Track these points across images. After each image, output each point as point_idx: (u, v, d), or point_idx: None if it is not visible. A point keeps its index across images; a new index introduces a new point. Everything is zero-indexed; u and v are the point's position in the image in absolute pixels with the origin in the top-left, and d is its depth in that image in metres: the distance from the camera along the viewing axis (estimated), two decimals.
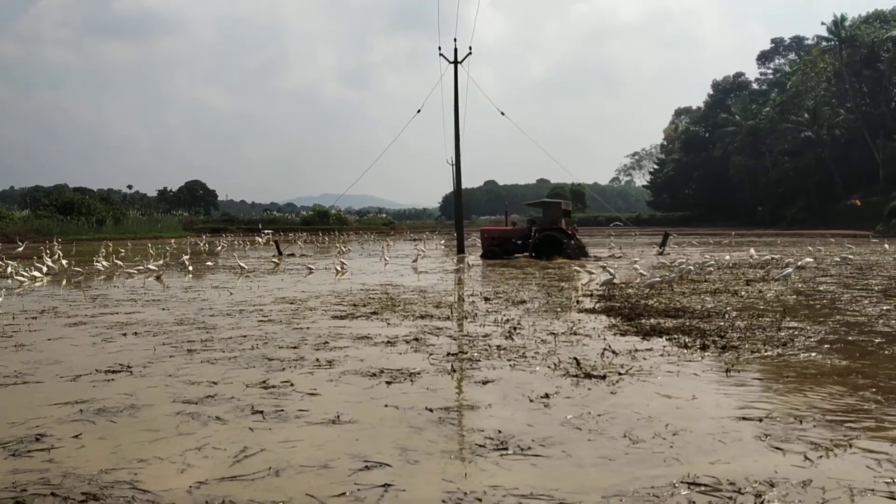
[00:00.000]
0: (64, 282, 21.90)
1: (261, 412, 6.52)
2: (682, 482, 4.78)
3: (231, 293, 17.49)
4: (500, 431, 5.90)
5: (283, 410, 6.58)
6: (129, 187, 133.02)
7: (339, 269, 24.71)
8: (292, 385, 7.50)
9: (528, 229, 32.79)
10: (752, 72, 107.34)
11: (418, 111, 39.39)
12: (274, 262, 30.94)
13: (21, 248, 31.95)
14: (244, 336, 10.67)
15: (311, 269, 25.42)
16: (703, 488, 4.69)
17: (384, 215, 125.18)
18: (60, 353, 9.44)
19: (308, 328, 11.47)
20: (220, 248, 44.25)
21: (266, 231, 61.48)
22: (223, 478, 4.93)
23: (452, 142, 37.52)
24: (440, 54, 37.75)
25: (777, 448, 5.47)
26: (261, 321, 12.31)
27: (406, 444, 5.63)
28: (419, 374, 8.06)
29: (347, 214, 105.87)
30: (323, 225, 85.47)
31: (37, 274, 22.69)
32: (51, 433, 5.85)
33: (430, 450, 5.54)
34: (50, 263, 25.57)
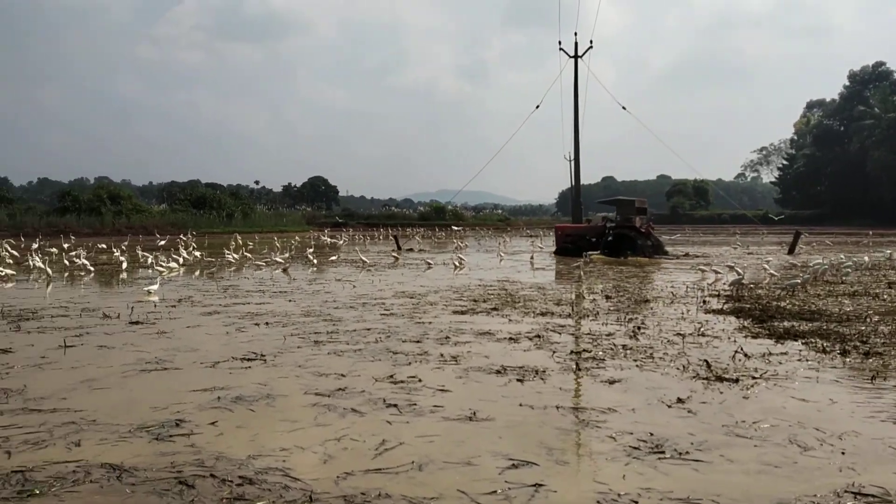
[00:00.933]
0: (197, 272, 23.03)
1: (395, 405, 6.54)
2: (847, 492, 4.48)
3: (354, 286, 17.87)
4: (651, 434, 5.71)
5: (415, 405, 6.58)
6: (256, 183, 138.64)
7: (457, 264, 24.84)
8: (420, 381, 7.49)
9: (602, 227, 32.46)
10: (894, 61, 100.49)
11: (537, 107, 39.15)
12: (393, 256, 31.45)
13: (164, 242, 33.83)
14: (368, 329, 10.84)
15: (429, 264, 25.68)
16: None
17: (500, 211, 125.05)
18: (196, 341, 9.86)
19: (430, 323, 11.53)
20: (341, 242, 45.46)
21: (339, 219, 62.68)
22: (368, 470, 4.96)
23: (570, 137, 37.16)
24: (560, 49, 37.33)
25: None
26: (383, 315, 12.48)
27: (551, 444, 5.52)
28: (545, 372, 7.91)
29: (464, 210, 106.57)
30: (439, 220, 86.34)
31: (173, 265, 23.97)
32: (190, 419, 6.06)
33: (579, 450, 5.43)
34: (185, 255, 26.97)
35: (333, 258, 28.91)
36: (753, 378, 7.62)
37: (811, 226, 68.33)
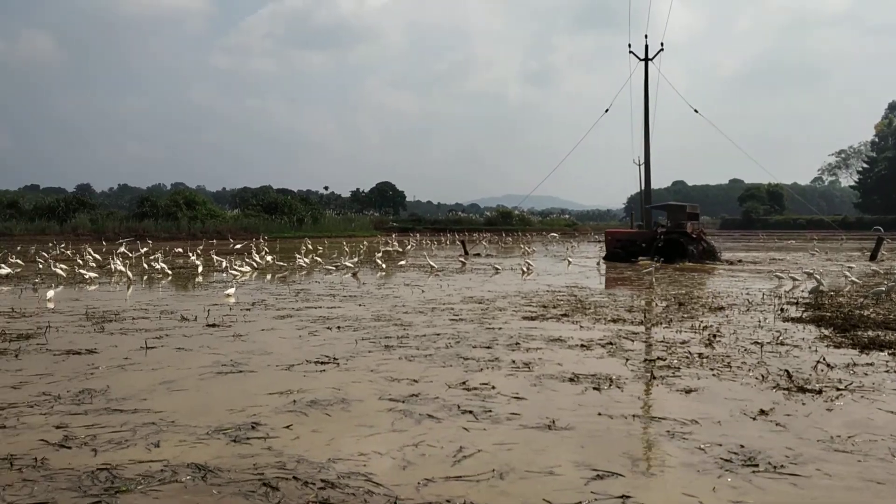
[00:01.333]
0: (269, 276, 23.51)
1: (470, 412, 6.51)
2: None
3: (423, 291, 17.96)
4: (742, 446, 5.53)
5: (491, 412, 6.53)
6: (325, 188, 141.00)
7: (524, 269, 24.73)
8: (494, 388, 7.42)
9: (653, 232, 32.04)
10: None
11: (606, 110, 38.64)
12: (461, 261, 31.51)
13: (239, 246, 34.68)
14: (437, 334, 10.85)
15: (497, 269, 25.64)
16: None
17: (567, 216, 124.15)
18: (270, 344, 10.03)
19: (500, 328, 11.48)
20: (409, 246, 45.77)
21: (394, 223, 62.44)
22: (448, 477, 4.93)
23: (639, 140, 36.72)
24: (630, 52, 36.83)
25: None
26: (452, 320, 12.49)
27: (635, 454, 5.41)
28: (620, 380, 7.78)
29: (530, 215, 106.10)
30: (506, 226, 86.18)
31: (246, 269, 24.53)
32: (266, 422, 6.13)
33: (665, 461, 5.29)
34: (258, 259, 27.58)
35: (402, 263, 29.12)
36: (838, 389, 7.33)
37: (893, 232, 65.63)
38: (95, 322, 12.20)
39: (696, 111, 38.50)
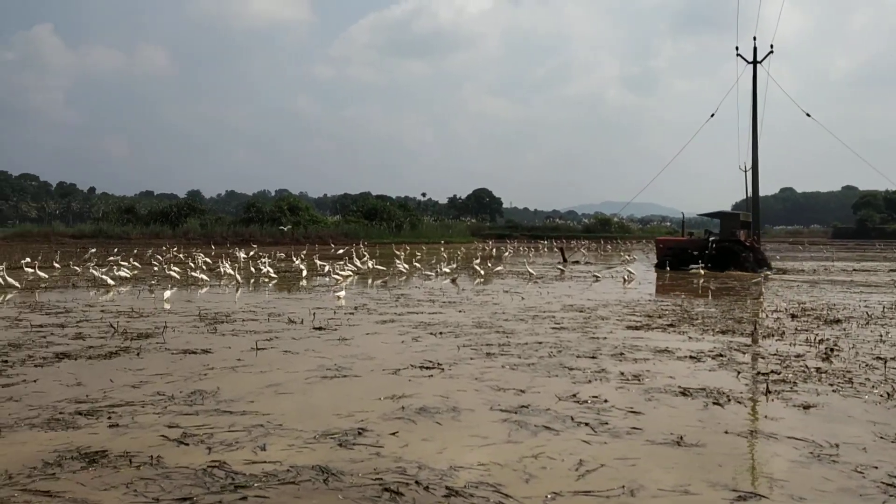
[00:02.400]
0: (370, 281, 23.91)
1: (587, 424, 6.37)
2: None
3: (523, 299, 17.86)
4: None
5: (608, 424, 6.38)
6: (423, 195, 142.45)
7: (626, 277, 24.26)
8: (606, 401, 7.24)
9: (704, 240, 31.24)
10: None
11: (712, 115, 37.42)
12: (559, 268, 31.20)
13: (341, 251, 35.43)
14: (539, 343, 10.74)
15: (597, 277, 25.26)
16: None
17: (668, 224, 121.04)
18: (373, 349, 10.16)
19: (604, 338, 11.26)
20: (506, 253, 45.69)
21: (489, 227, 62.13)
22: (576, 491, 4.83)
23: (746, 146, 35.39)
24: (738, 55, 35.58)
25: None
26: (554, 328, 12.34)
27: (776, 475, 5.14)
28: (736, 394, 7.47)
29: (630, 223, 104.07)
30: (604, 233, 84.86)
31: (348, 273, 25.05)
32: (372, 428, 6.16)
33: (816, 485, 4.99)
34: (359, 264, 28.12)
35: (499, 269, 29.08)
36: None
37: None
38: (208, 323, 12.70)
39: (808, 115, 36.83)
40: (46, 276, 22.64)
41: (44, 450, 5.47)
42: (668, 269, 28.14)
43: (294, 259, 29.86)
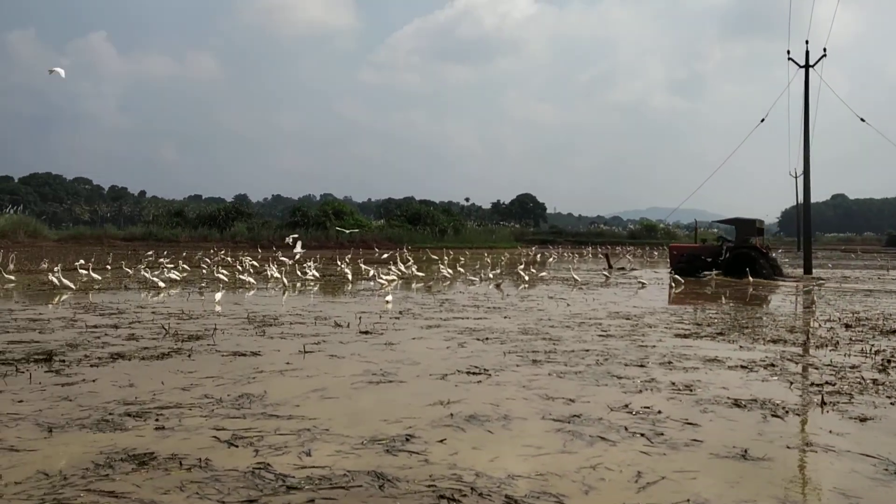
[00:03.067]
0: (414, 285, 23.99)
1: (642, 435, 6.23)
2: None
3: (568, 305, 17.74)
4: None
5: (663, 435, 6.23)
6: (467, 200, 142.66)
7: (673, 284, 23.95)
8: (660, 412, 7.06)
9: (718, 247, 31.19)
10: None
11: (762, 120, 36.80)
12: (604, 275, 30.95)
13: (385, 256, 35.65)
14: (586, 350, 10.64)
15: (643, 283, 24.99)
16: None
17: (715, 230, 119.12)
18: (419, 354, 10.15)
19: (652, 346, 11.11)
20: (550, 259, 45.47)
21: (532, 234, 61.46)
22: None
23: (796, 151, 34.83)
24: (789, 59, 34.92)
25: None
26: (600, 335, 12.23)
27: (851, 493, 4.92)
28: (793, 406, 7.27)
29: (676, 229, 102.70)
30: (650, 239, 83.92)
31: (392, 277, 25.21)
32: (420, 434, 6.10)
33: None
34: (402, 269, 28.25)
35: (543, 275, 28.94)
36: None
37: None
38: (257, 326, 12.87)
39: (862, 119, 35.97)
40: (99, 278, 23.20)
41: (91, 451, 5.53)
42: (677, 275, 27.30)
43: (339, 263, 30.10)
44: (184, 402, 7.11)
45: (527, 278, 26.51)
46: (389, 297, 17.20)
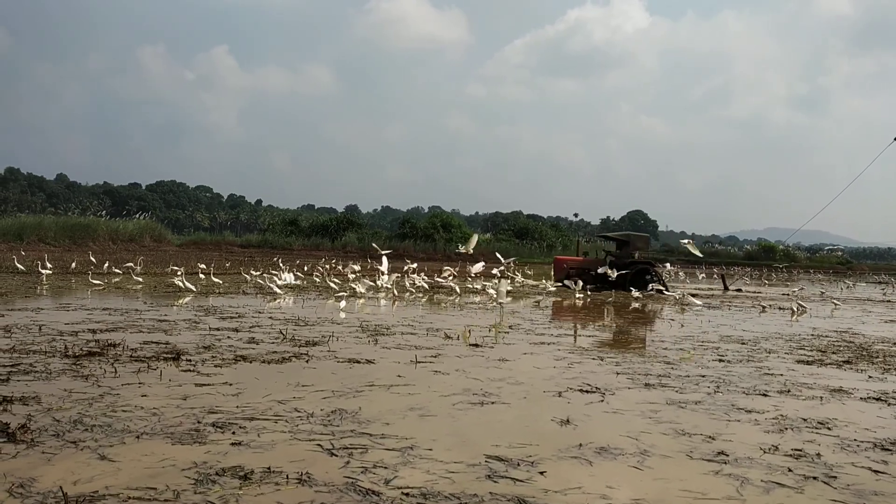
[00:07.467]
0: (522, 301, 23.92)
1: (814, 478, 5.58)
2: None
3: (682, 326, 17.24)
4: None
5: (836, 478, 5.60)
6: (575, 215, 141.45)
7: (795, 309, 22.88)
8: (820, 455, 6.27)
9: (601, 261, 31.76)
10: None
11: (895, 138, 34.75)
12: (719, 297, 29.92)
13: (495, 270, 35.86)
14: (701, 375, 10.27)
15: (763, 307, 24.01)
16: None
17: (840, 253, 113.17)
18: (528, 373, 9.85)
19: (778, 374, 10.57)
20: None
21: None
22: None
23: None
24: None
25: None
26: (717, 360, 11.77)
27: None
28: None
29: (796, 251, 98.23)
30: (768, 261, 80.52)
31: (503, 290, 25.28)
32: (540, 463, 5.69)
33: None
34: (520, 278, 28.53)
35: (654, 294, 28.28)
36: None
37: None
38: (370, 334, 13.12)
39: None
40: (220, 282, 24.29)
41: (163, 464, 5.15)
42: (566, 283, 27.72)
43: (443, 275, 30.37)
44: (273, 413, 6.77)
45: (636, 296, 25.98)
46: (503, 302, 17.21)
